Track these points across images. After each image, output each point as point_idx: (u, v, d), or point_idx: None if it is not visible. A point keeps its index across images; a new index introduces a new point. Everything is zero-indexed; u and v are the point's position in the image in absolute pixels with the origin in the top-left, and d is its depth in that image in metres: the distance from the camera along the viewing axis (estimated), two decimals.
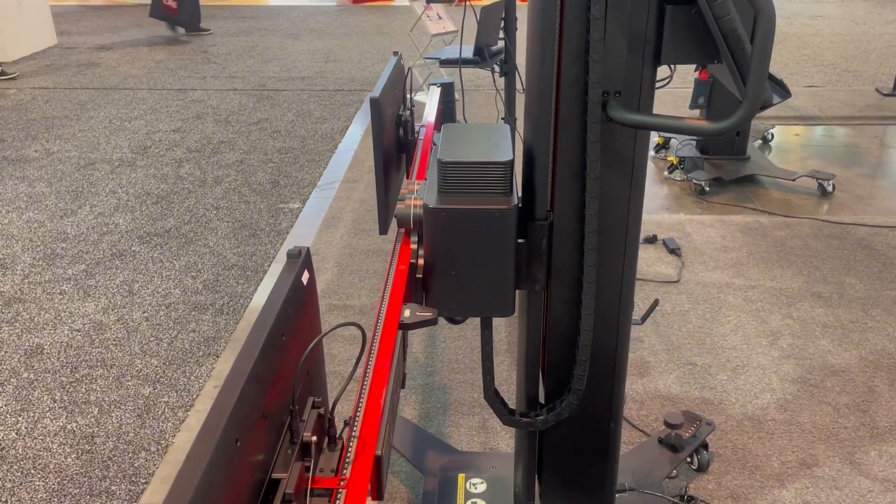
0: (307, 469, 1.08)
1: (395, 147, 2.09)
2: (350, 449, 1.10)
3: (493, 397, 1.68)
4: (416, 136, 2.27)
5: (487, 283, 1.50)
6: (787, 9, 9.82)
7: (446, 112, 2.60)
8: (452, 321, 1.70)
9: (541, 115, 1.45)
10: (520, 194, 1.54)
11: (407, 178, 2.32)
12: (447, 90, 2.63)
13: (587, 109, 1.36)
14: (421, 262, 1.52)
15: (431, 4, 5.93)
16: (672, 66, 1.39)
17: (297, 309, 1.22)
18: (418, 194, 1.57)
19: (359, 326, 1.16)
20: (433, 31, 6.02)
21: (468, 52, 4.60)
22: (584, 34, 1.35)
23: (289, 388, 1.16)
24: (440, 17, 6.03)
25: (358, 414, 1.16)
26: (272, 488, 1.04)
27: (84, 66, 7.29)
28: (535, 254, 1.54)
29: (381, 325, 1.36)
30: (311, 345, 1.19)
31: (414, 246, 1.55)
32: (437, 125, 2.34)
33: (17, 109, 5.96)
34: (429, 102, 2.50)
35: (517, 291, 1.61)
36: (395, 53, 2.29)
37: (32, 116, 5.79)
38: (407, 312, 1.40)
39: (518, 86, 3.96)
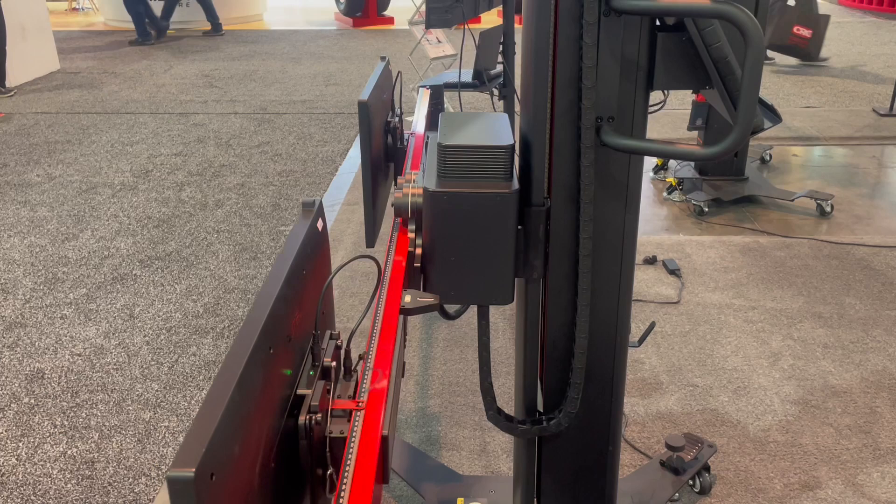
0: (328, 391, 1.14)
1: (382, 155, 2.06)
2: (365, 379, 1.16)
3: (488, 389, 1.66)
4: (404, 143, 2.24)
5: (487, 269, 1.49)
6: None
7: (435, 117, 2.55)
8: (447, 315, 1.70)
9: (536, 140, 1.47)
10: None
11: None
12: (436, 94, 2.57)
13: (581, 135, 1.37)
14: (419, 250, 1.51)
15: (431, 29, 5.99)
16: (665, 91, 1.41)
17: (314, 250, 1.30)
18: (416, 183, 1.57)
19: (374, 259, 1.23)
20: (433, 54, 6.07)
21: (467, 75, 4.65)
22: (577, 60, 1.37)
23: (310, 318, 1.24)
24: (439, 41, 6.09)
25: (371, 347, 1.21)
26: (297, 404, 1.12)
27: (86, 91, 7.35)
28: (533, 241, 1.54)
29: (388, 269, 1.40)
30: (334, 272, 1.26)
31: (412, 235, 1.54)
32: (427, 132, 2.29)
33: (20, 134, 6.01)
34: (418, 108, 2.43)
35: (515, 302, 1.61)
36: (383, 58, 2.25)
37: (35, 141, 5.83)
38: (408, 298, 1.39)
39: (517, 108, 3.99)
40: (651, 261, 3.74)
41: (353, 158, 5.40)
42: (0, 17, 6.89)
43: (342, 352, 1.22)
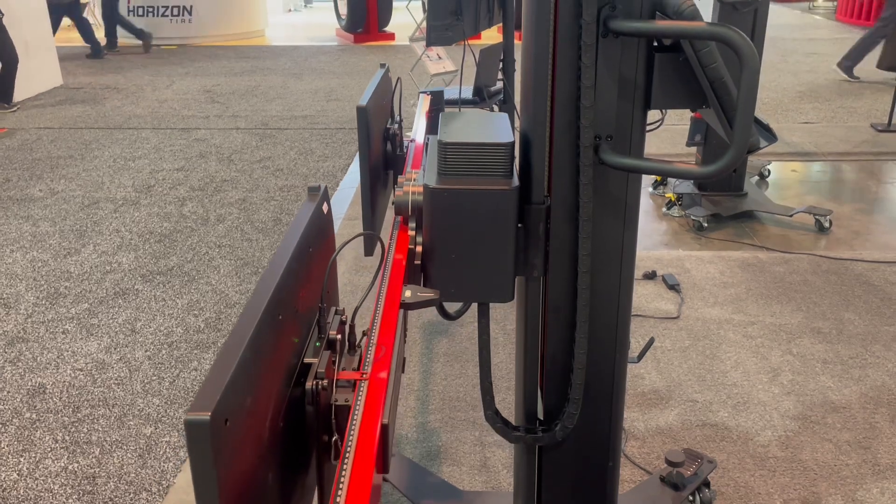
0: (333, 362, 1.19)
1: (381, 162, 2.05)
2: (369, 353, 1.20)
3: (487, 388, 1.67)
4: (404, 151, 2.24)
5: (487, 266, 1.49)
6: (781, 47, 9.97)
7: (435, 123, 2.53)
8: (447, 315, 1.70)
9: (535, 139, 1.48)
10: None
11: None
12: (437, 99, 2.56)
13: (580, 153, 1.39)
14: (419, 248, 1.51)
15: (431, 46, 6.03)
16: (662, 110, 1.43)
17: (319, 230, 1.35)
18: (416, 181, 1.57)
19: (379, 238, 1.28)
20: (433, 70, 6.12)
21: (467, 92, 4.68)
22: (576, 80, 1.39)
23: (315, 295, 1.29)
24: (440, 58, 6.13)
25: (375, 323, 1.25)
26: (304, 373, 1.17)
27: (89, 106, 7.40)
28: (533, 239, 1.55)
29: (388, 269, 1.43)
30: (340, 248, 1.31)
31: (412, 233, 1.55)
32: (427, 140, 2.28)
33: (23, 149, 6.04)
34: (417, 115, 2.41)
35: (515, 307, 1.61)
36: (382, 66, 2.25)
37: (37, 156, 5.86)
38: (408, 293, 1.39)
39: (516, 124, 4.01)
40: (650, 276, 3.75)
41: (354, 174, 5.42)
42: (7, 38, 6.97)
43: (347, 327, 1.26)
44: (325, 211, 1.40)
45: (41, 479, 2.48)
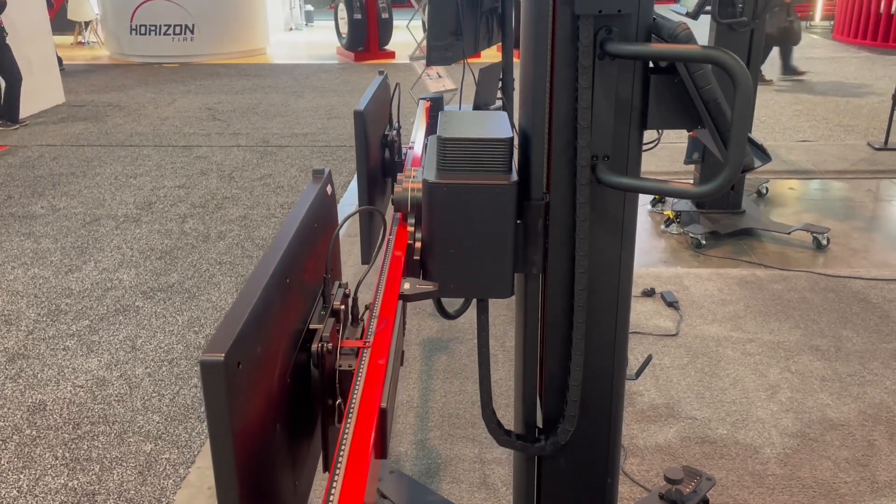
0: (337, 330, 1.24)
1: (380, 169, 2.05)
2: (371, 325, 1.25)
3: (486, 386, 1.67)
4: (402, 158, 2.25)
5: (486, 261, 1.49)
6: (779, 65, 10.03)
7: (435, 128, 2.54)
8: (446, 314, 1.71)
9: (535, 136, 1.50)
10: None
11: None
12: (436, 106, 2.57)
13: (577, 172, 1.41)
14: (418, 244, 1.52)
15: (431, 65, 6.08)
16: (658, 130, 1.45)
17: (324, 210, 1.39)
18: (416, 178, 1.58)
19: (380, 213, 1.34)
20: (433, 89, 6.16)
21: (467, 110, 4.71)
22: (573, 101, 1.41)
23: (319, 268, 1.34)
24: (440, 76, 6.18)
25: (377, 298, 1.30)
26: (309, 338, 1.21)
27: (91, 124, 7.44)
28: (532, 236, 1.56)
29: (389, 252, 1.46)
30: (343, 222, 1.36)
31: (411, 229, 1.56)
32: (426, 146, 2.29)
33: (25, 166, 6.08)
34: (417, 122, 2.41)
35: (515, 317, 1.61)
36: (381, 73, 2.25)
37: (39, 173, 5.90)
38: (407, 285, 1.40)
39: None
40: (649, 293, 3.77)
41: (354, 191, 5.45)
42: (11, 56, 7.03)
43: (350, 300, 1.30)
44: (329, 192, 1.43)
45: (41, 496, 2.49)
